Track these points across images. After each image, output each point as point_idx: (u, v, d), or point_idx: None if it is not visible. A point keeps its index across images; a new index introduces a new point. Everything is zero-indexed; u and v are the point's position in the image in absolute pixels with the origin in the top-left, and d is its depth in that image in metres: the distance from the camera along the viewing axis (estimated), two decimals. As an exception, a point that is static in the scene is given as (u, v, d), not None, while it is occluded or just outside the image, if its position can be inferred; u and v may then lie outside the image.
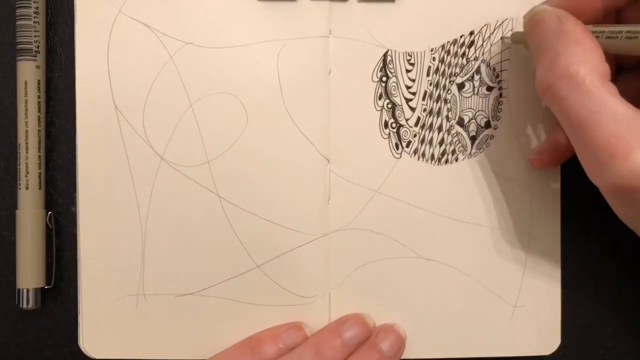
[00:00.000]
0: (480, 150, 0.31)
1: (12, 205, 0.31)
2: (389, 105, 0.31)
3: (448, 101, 0.31)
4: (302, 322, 0.31)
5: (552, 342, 0.32)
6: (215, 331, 0.31)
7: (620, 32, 0.25)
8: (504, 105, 0.31)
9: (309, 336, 0.30)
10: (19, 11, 0.30)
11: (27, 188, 0.30)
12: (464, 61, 0.31)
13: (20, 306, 0.30)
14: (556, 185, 0.32)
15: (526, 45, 0.29)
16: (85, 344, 0.31)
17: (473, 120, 0.31)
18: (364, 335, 0.30)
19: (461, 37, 0.31)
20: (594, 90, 0.23)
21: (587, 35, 0.24)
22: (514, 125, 0.31)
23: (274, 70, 0.30)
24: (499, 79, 0.31)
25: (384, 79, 0.31)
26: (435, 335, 0.31)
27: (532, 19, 0.26)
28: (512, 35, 0.30)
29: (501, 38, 0.31)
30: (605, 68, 0.23)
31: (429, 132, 0.31)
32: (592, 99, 0.22)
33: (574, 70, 0.23)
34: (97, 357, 0.31)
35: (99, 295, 0.31)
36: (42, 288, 0.31)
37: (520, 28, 0.31)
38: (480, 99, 0.31)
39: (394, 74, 0.31)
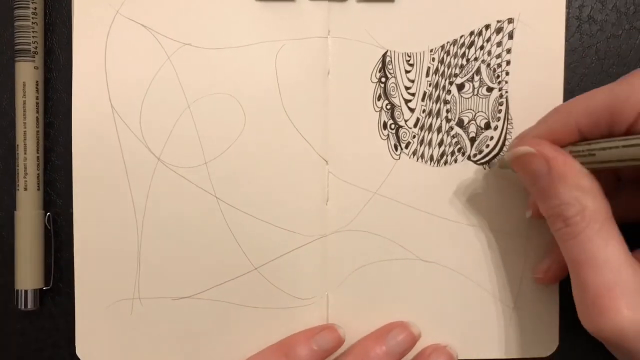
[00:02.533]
0: (480, 152, 0.31)
1: (10, 206, 0.31)
2: (388, 106, 0.31)
3: (447, 102, 0.31)
4: (336, 324, 0.30)
5: (550, 343, 0.32)
6: (212, 335, 0.31)
7: (605, 146, 0.25)
8: (504, 106, 0.31)
9: (343, 337, 0.30)
10: (17, 12, 0.30)
11: (25, 189, 0.30)
12: (464, 62, 0.31)
13: (19, 307, 0.30)
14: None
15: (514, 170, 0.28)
16: (80, 351, 0.30)
17: (473, 122, 0.31)
18: (409, 344, 0.30)
19: (461, 37, 0.31)
20: (593, 239, 0.24)
21: (580, 175, 0.25)
22: (514, 127, 0.31)
23: (272, 71, 0.30)
24: (499, 79, 0.31)
25: (383, 79, 0.31)
26: (433, 337, 0.31)
27: (519, 162, 0.27)
28: (499, 161, 0.30)
29: (487, 165, 0.31)
30: (604, 207, 0.25)
31: (428, 133, 0.31)
32: (590, 246, 0.24)
33: (576, 221, 0.24)
34: (92, 363, 0.31)
35: (94, 299, 0.30)
36: (41, 289, 0.31)
37: (520, 28, 0.31)
38: (480, 99, 0.31)
39: (393, 75, 0.31)
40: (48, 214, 0.31)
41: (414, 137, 0.31)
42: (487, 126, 0.31)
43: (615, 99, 0.25)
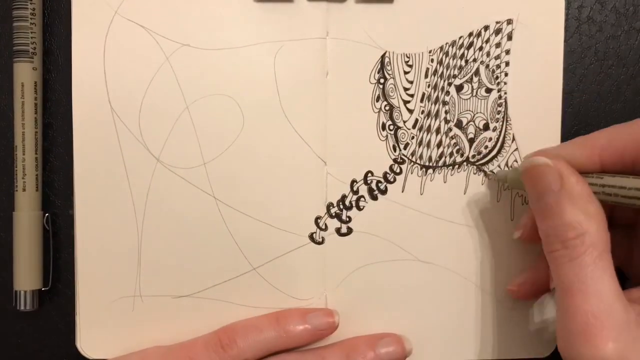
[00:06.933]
0: (479, 153, 0.31)
1: (9, 207, 0.31)
2: (387, 107, 0.31)
3: (446, 103, 0.31)
4: (335, 310, 0.30)
5: (549, 343, 0.32)
6: (212, 333, 0.31)
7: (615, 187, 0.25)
8: (503, 107, 0.31)
9: (337, 324, 0.30)
10: (15, 12, 0.30)
11: (24, 190, 0.30)
12: (463, 63, 0.31)
13: (18, 308, 0.30)
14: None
15: (510, 186, 0.28)
16: (82, 344, 0.31)
17: (471, 123, 0.31)
18: (398, 357, 0.30)
19: (460, 38, 0.31)
20: (589, 266, 0.24)
21: (589, 200, 0.24)
22: (513, 128, 0.31)
23: (270, 72, 0.30)
24: (498, 80, 0.31)
25: (382, 80, 0.31)
26: (432, 338, 0.31)
27: (532, 172, 0.26)
28: (497, 174, 0.30)
29: (485, 174, 0.31)
30: (605, 238, 0.24)
31: (427, 134, 0.31)
32: (585, 272, 0.24)
33: (575, 244, 0.24)
34: (93, 358, 0.31)
35: (96, 296, 0.31)
36: (39, 290, 0.31)
37: (519, 29, 0.31)
38: (479, 100, 0.31)
39: (391, 76, 0.31)
40: (46, 214, 0.31)
41: (413, 138, 0.31)
42: (486, 127, 0.31)
43: None
